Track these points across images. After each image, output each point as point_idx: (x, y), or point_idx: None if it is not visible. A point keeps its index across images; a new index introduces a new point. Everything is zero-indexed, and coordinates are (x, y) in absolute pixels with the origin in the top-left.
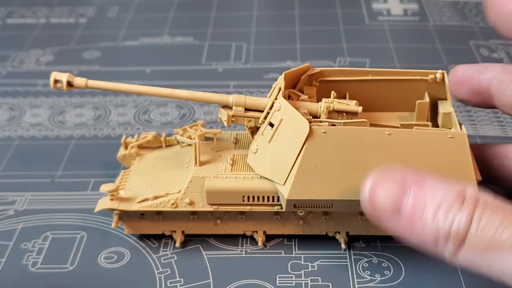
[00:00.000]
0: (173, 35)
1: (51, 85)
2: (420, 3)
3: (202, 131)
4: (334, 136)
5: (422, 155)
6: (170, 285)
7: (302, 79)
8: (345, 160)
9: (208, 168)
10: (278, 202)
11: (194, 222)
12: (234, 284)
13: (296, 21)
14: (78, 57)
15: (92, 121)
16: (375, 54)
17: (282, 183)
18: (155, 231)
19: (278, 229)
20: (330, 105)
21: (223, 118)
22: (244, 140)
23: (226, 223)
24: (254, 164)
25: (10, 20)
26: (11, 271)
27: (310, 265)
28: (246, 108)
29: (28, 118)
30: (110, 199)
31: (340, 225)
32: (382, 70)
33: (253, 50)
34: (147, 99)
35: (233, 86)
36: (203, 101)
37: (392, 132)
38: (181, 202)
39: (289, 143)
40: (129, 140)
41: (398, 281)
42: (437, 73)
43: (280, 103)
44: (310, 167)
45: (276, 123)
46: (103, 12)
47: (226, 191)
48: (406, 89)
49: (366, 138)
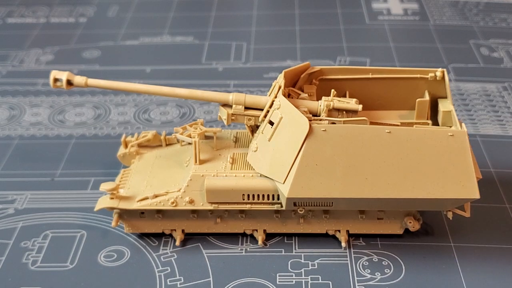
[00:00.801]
0: (173, 34)
1: (51, 84)
2: (420, 3)
3: (202, 130)
4: (334, 134)
5: (422, 153)
6: (170, 283)
7: (302, 77)
8: (345, 158)
9: (208, 166)
10: (278, 200)
11: (194, 220)
12: (234, 283)
13: (296, 20)
14: (78, 56)
15: (92, 120)
16: (375, 54)
17: (282, 181)
18: (155, 230)
19: (278, 227)
20: (330, 103)
21: (223, 116)
22: (244, 139)
23: (226, 222)
24: (254, 162)
25: (10, 20)
26: (11, 269)
27: (310, 264)
28: (246, 107)
29: (28, 117)
30: (110, 198)
31: (340, 224)
32: (382, 68)
33: (253, 50)
34: (147, 98)
35: (233, 85)
36: (203, 99)
37: (392, 130)
38: (181, 200)
39: (289, 142)
40: (129, 139)
41: (399, 279)
42: (437, 71)
43: (280, 102)
44: (310, 166)
45: (276, 122)
46: (103, 11)
47: (226, 190)
48: (406, 87)
49: (366, 136)
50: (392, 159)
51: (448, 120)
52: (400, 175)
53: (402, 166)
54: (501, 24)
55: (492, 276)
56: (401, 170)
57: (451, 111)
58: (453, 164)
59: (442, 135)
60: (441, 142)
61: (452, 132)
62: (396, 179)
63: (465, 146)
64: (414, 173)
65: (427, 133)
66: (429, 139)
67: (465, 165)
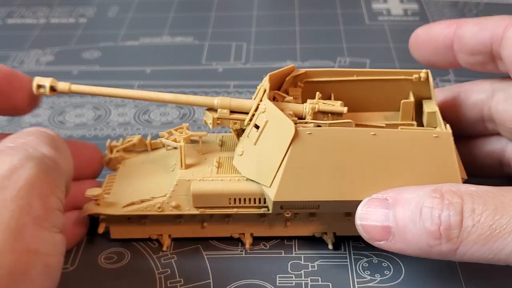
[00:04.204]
0: (173, 35)
1: (34, 90)
2: (420, 3)
3: (187, 134)
4: (320, 137)
5: (408, 155)
6: (170, 285)
7: (287, 80)
8: (331, 161)
9: (194, 171)
10: (264, 204)
11: (180, 225)
12: (234, 284)
13: (296, 21)
14: (78, 57)
15: (92, 121)
16: (375, 54)
17: (269, 185)
18: (141, 235)
19: (265, 231)
20: (315, 106)
21: (208, 120)
22: (229, 142)
23: (213, 226)
24: (240, 166)
25: (10, 20)
26: None
27: (310, 265)
28: (232, 110)
29: (28, 118)
30: (96, 204)
31: (326, 226)
32: (367, 70)
33: (253, 50)
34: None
35: (233, 86)
36: (187, 104)
37: (377, 132)
38: (167, 206)
39: (275, 145)
40: (114, 144)
41: (398, 281)
42: (421, 72)
43: (265, 105)
44: (296, 169)
45: (262, 125)
46: (103, 12)
47: (213, 194)
48: (391, 89)
49: (351, 139)
50: (377, 161)
51: (433, 121)
52: (386, 177)
53: (388, 168)
54: None
55: (492, 277)
56: (387, 172)
57: (436, 112)
58: (438, 165)
59: (427, 137)
60: (426, 144)
61: (437, 134)
62: (382, 181)
63: (450, 147)
64: (400, 175)
65: (413, 134)
66: (414, 141)
67: (450, 165)
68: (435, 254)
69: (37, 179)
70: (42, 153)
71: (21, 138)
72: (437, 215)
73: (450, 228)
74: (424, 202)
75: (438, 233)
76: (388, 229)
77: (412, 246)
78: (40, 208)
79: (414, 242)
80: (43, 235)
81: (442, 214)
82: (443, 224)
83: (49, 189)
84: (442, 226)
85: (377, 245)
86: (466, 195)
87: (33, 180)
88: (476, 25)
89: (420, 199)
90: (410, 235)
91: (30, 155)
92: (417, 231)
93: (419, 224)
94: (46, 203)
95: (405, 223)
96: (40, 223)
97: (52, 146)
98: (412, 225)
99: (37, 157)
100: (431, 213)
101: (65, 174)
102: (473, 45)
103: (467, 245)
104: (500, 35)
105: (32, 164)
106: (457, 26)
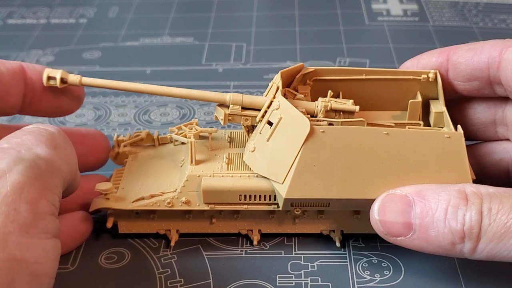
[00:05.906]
0: (173, 35)
1: (44, 82)
2: (420, 4)
3: (197, 130)
4: (333, 135)
5: (419, 155)
6: (170, 285)
7: (296, 78)
8: (343, 159)
9: (204, 167)
10: (274, 201)
11: (189, 221)
12: (234, 284)
13: (296, 21)
14: (79, 57)
15: (93, 121)
16: (375, 55)
17: (281, 181)
18: (149, 230)
19: (273, 228)
20: (327, 104)
21: (220, 116)
22: (238, 139)
23: (221, 222)
24: (251, 162)
25: (10, 21)
26: None
27: (310, 265)
28: (243, 107)
29: (29, 118)
30: (105, 199)
31: (335, 224)
32: (376, 69)
33: (253, 50)
34: (147, 100)
35: (233, 86)
36: (200, 99)
37: (389, 131)
38: (177, 201)
39: (289, 142)
40: (121, 138)
41: (398, 281)
42: (430, 72)
43: (280, 102)
44: (308, 166)
45: (275, 122)
46: (103, 12)
47: (223, 190)
48: (399, 88)
49: (364, 138)
50: (389, 160)
51: (440, 121)
52: (397, 176)
53: (400, 167)
54: (501, 24)
55: (491, 277)
56: (398, 171)
57: (443, 112)
58: (449, 165)
59: (439, 137)
60: (438, 144)
61: (449, 134)
62: (393, 179)
63: (461, 148)
64: (411, 174)
65: (424, 134)
66: (426, 141)
67: (461, 166)
68: (455, 253)
69: (25, 183)
70: (35, 154)
71: (16, 138)
72: (462, 215)
73: (472, 228)
74: (450, 201)
75: (462, 233)
76: (409, 226)
77: (433, 244)
78: (28, 214)
79: (437, 240)
80: (31, 242)
81: (466, 214)
82: (467, 224)
83: (38, 193)
84: (466, 225)
85: (392, 240)
86: (485, 195)
87: (21, 185)
88: (469, 51)
89: (446, 198)
90: (434, 233)
91: (20, 157)
92: (442, 229)
93: (445, 223)
94: (35, 208)
95: (430, 221)
96: (27, 230)
97: (50, 144)
98: (437, 224)
99: (28, 159)
100: (457, 213)
101: (62, 173)
102: (469, 71)
103: (484, 243)
104: (497, 59)
105: (20, 168)
106: (449, 54)
